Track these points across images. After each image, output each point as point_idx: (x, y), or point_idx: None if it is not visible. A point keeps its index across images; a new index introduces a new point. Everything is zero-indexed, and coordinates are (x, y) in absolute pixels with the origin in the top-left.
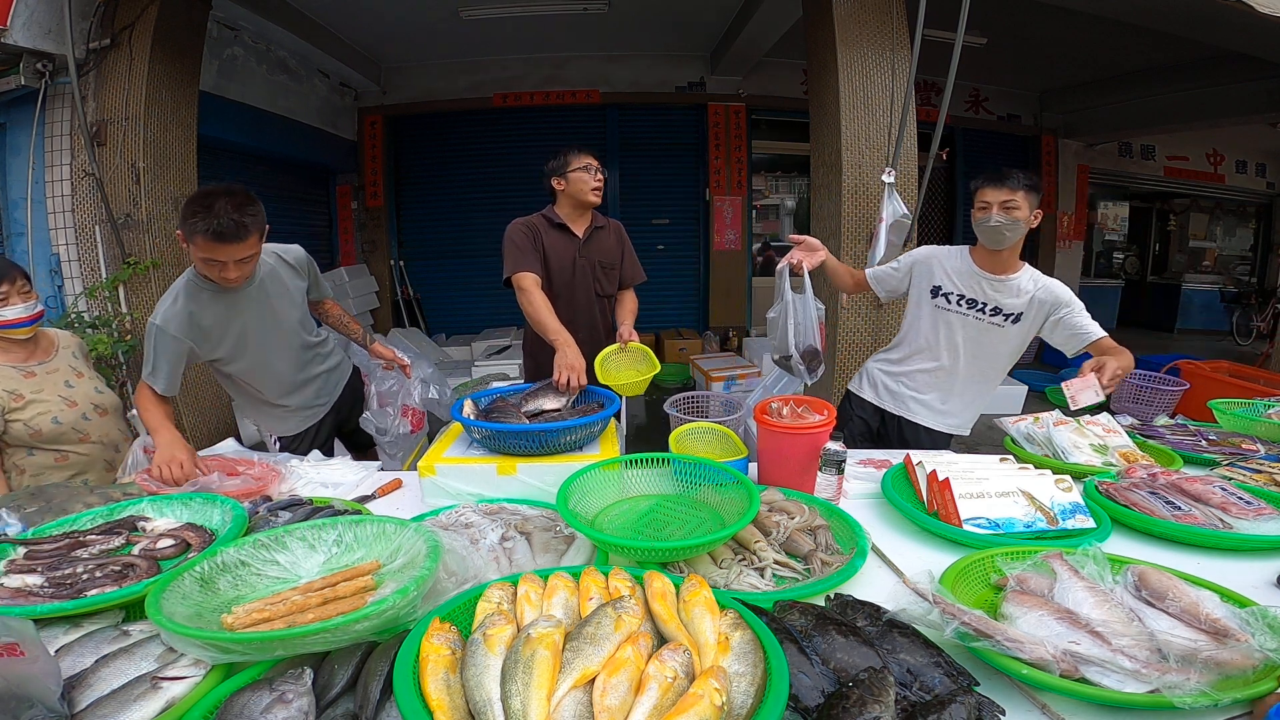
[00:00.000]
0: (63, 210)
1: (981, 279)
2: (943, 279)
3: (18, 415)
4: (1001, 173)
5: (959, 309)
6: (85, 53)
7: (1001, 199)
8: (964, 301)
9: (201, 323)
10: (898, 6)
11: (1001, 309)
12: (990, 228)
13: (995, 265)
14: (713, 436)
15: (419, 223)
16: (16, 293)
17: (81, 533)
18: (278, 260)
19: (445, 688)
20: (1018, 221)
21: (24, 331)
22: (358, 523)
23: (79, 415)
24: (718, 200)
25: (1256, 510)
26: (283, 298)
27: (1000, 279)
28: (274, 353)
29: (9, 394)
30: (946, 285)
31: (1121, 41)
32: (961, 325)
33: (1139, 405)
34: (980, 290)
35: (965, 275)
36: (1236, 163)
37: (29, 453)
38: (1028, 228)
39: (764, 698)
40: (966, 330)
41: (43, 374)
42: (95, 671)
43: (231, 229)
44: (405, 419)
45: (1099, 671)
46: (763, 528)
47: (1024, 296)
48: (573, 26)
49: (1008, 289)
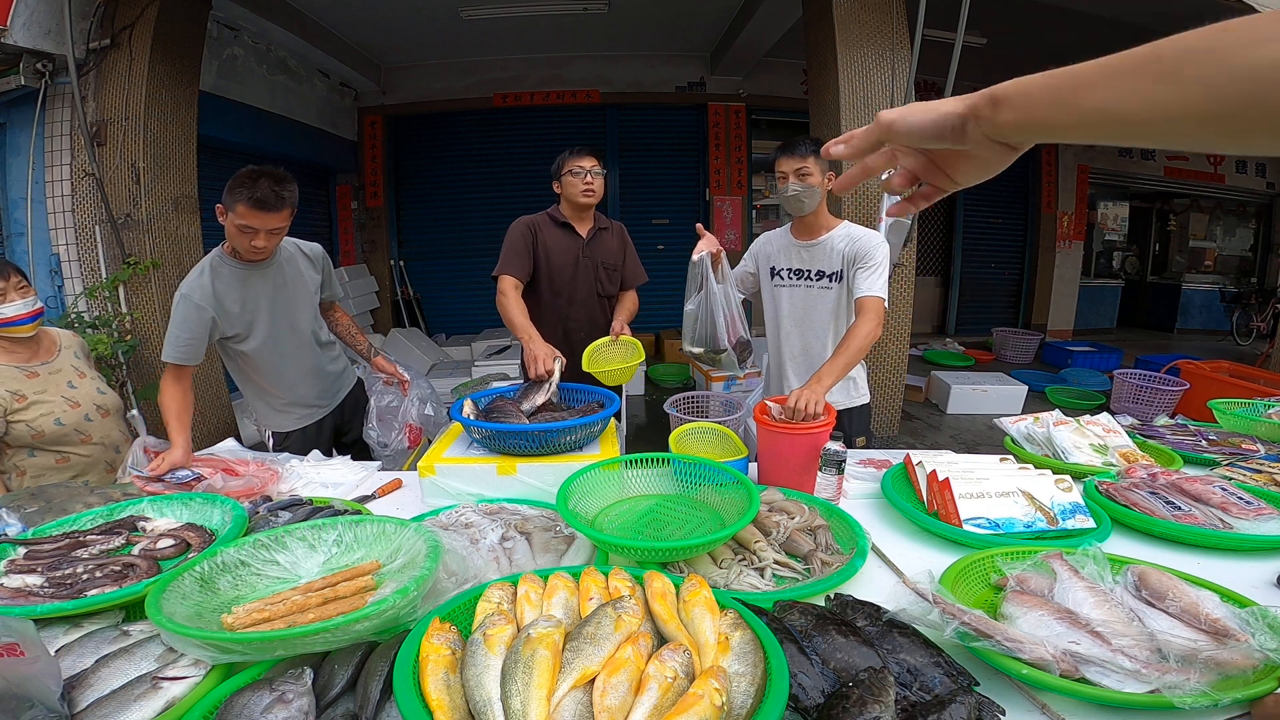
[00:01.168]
0: (63, 210)
1: (800, 248)
2: (776, 258)
3: (20, 416)
4: (792, 142)
5: (791, 282)
6: (85, 53)
7: (795, 167)
8: (792, 273)
9: (223, 296)
10: (898, 6)
11: (824, 271)
12: (789, 196)
13: (806, 231)
14: (713, 436)
15: (419, 223)
16: (14, 289)
17: (81, 533)
18: (296, 250)
19: (445, 688)
20: (813, 188)
21: (25, 329)
22: (358, 523)
23: (81, 416)
24: (718, 200)
25: (1256, 510)
26: (298, 284)
27: (813, 243)
28: (284, 336)
29: (12, 394)
30: (779, 263)
31: (1121, 42)
32: (789, 296)
33: (1139, 405)
34: (801, 258)
35: (789, 249)
36: (1236, 163)
37: (30, 454)
38: (824, 192)
39: (764, 698)
40: (794, 300)
41: (46, 374)
42: (95, 671)
43: (271, 199)
44: (405, 435)
45: (1099, 671)
46: (763, 528)
47: (837, 253)
48: (573, 26)
49: (820, 250)
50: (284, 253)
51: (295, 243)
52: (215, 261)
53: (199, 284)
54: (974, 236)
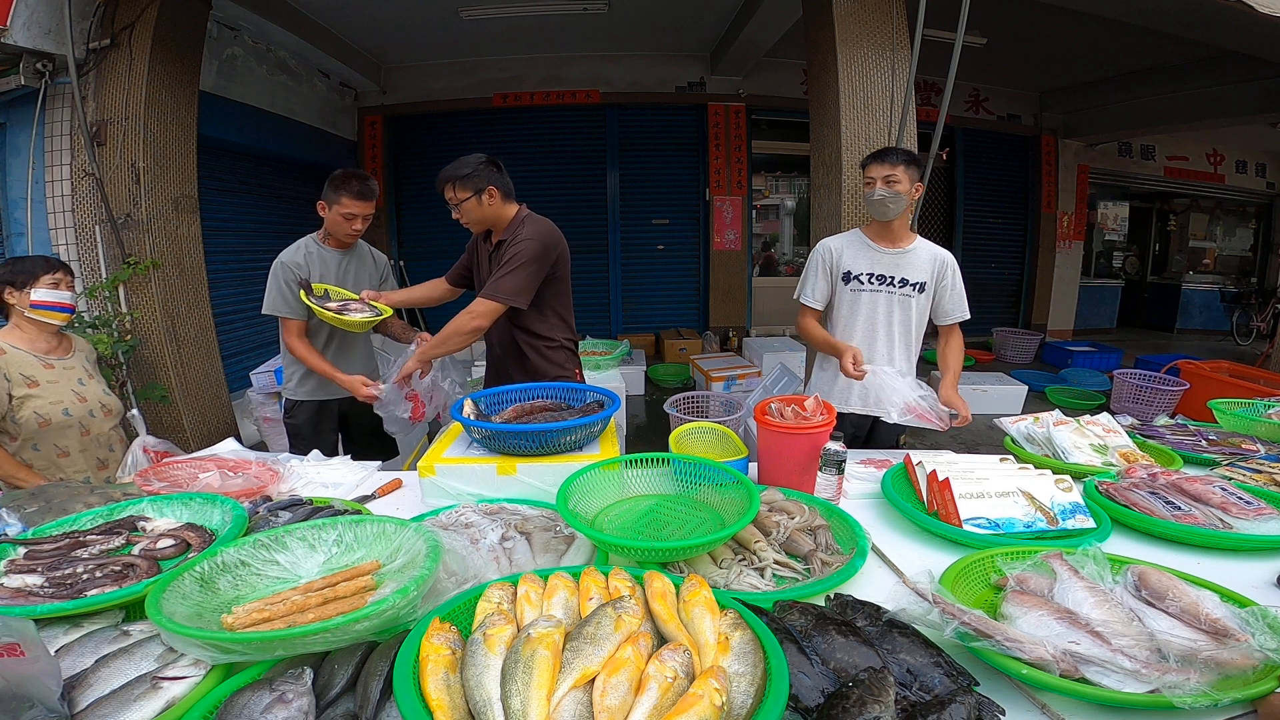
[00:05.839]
0: (63, 210)
1: (881, 254)
2: (850, 263)
3: (29, 403)
4: (885, 150)
5: (872, 287)
6: (85, 53)
7: (884, 173)
8: (874, 279)
9: (310, 264)
10: (898, 6)
11: (909, 280)
12: (875, 200)
13: (890, 239)
14: (713, 436)
15: (419, 223)
16: (66, 284)
17: (81, 533)
18: (368, 251)
19: (445, 687)
20: (900, 195)
21: (64, 317)
22: (358, 523)
23: (86, 411)
24: (718, 200)
25: (1256, 510)
26: (363, 275)
27: (899, 251)
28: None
29: (24, 378)
30: (856, 268)
31: (1121, 41)
32: (870, 301)
33: (1139, 405)
34: (884, 264)
35: (866, 254)
36: (1236, 163)
37: (34, 447)
38: (909, 200)
39: (764, 698)
40: (874, 304)
41: (60, 368)
42: (95, 671)
43: (370, 192)
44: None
45: (1099, 671)
46: (763, 528)
47: (924, 264)
48: (573, 26)
49: (907, 259)
50: (359, 248)
51: (369, 246)
52: (309, 241)
53: (292, 257)
54: (974, 236)
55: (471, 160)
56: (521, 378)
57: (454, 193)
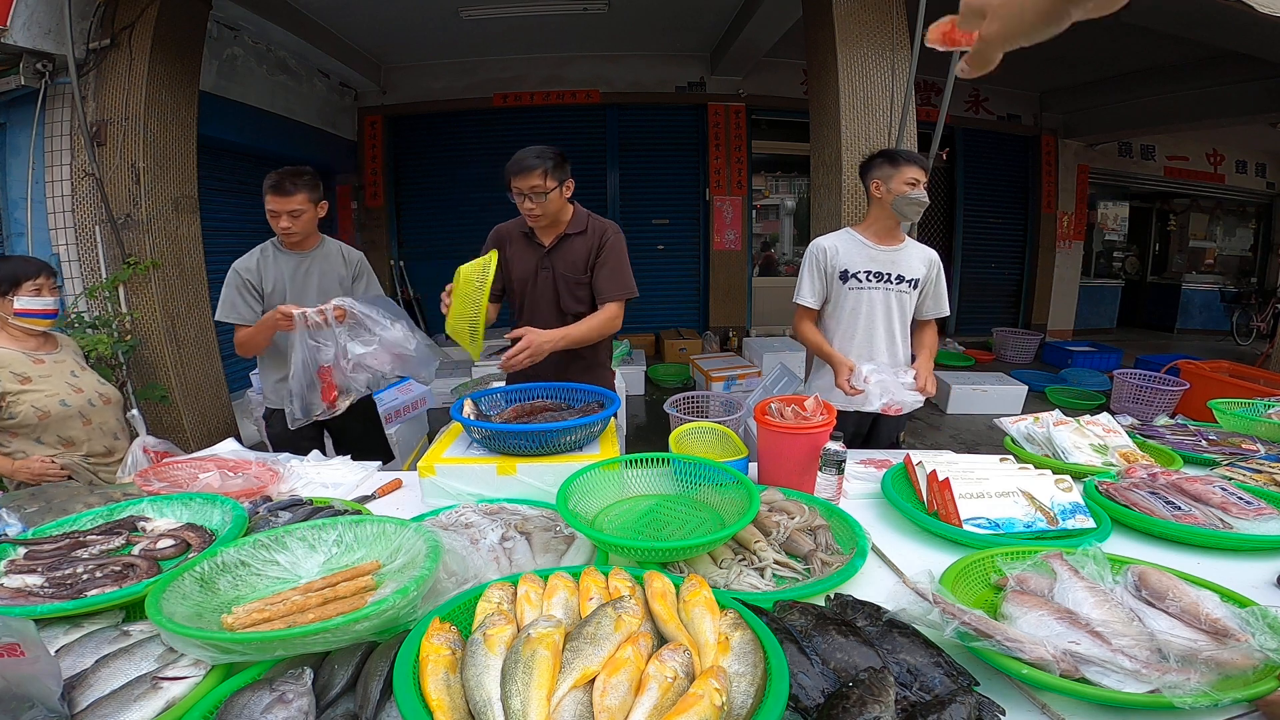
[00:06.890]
0: (63, 210)
1: (878, 252)
2: (847, 262)
3: (24, 397)
4: (912, 152)
5: (870, 284)
6: (85, 53)
7: (922, 177)
8: (871, 276)
9: (262, 269)
10: (898, 6)
11: (905, 276)
12: (915, 200)
13: (891, 238)
14: (713, 436)
15: (419, 223)
16: (47, 289)
17: (81, 533)
18: (338, 250)
19: (445, 688)
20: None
21: (46, 324)
22: (358, 523)
23: (85, 400)
24: (718, 200)
25: (1256, 510)
26: (328, 276)
27: (894, 249)
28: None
29: (16, 376)
30: (853, 266)
31: (1121, 41)
32: (868, 298)
33: (1139, 405)
34: (880, 262)
35: (862, 252)
36: (1236, 163)
37: (37, 442)
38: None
39: (764, 698)
40: (872, 301)
41: (51, 363)
42: (95, 671)
43: (284, 187)
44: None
45: (1099, 671)
46: (763, 528)
47: (917, 262)
48: (573, 26)
49: (904, 257)
50: (325, 248)
51: (340, 245)
52: (267, 246)
53: (246, 262)
54: (974, 236)
55: (551, 150)
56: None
57: (544, 180)
